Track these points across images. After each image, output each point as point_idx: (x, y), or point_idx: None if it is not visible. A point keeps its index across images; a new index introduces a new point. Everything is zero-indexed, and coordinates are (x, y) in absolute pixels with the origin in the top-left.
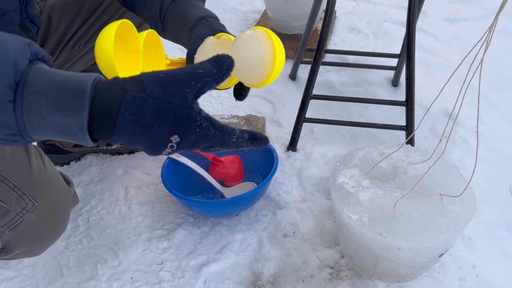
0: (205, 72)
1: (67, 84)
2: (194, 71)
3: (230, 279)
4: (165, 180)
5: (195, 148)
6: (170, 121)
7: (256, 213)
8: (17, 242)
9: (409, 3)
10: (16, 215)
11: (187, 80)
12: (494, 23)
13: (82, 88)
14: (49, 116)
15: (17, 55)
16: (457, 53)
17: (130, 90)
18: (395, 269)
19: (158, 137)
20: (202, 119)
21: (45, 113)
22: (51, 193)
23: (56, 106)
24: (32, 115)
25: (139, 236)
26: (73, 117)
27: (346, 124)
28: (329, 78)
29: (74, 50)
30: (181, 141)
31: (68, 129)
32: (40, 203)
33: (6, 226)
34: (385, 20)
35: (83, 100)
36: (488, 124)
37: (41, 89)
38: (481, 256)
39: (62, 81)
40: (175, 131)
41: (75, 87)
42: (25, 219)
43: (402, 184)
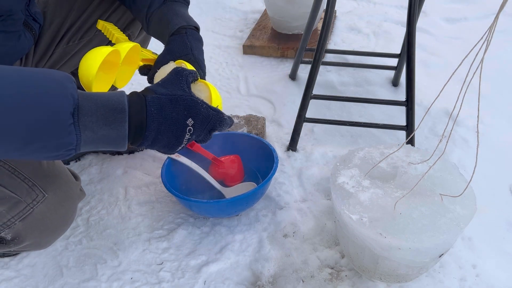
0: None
1: (110, 105)
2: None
3: (230, 280)
4: (165, 180)
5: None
6: (182, 106)
7: (256, 213)
8: (27, 233)
9: (409, 3)
10: (26, 206)
11: (177, 78)
12: (494, 23)
13: (122, 107)
14: (99, 130)
15: (71, 89)
16: (457, 53)
17: (147, 95)
18: (395, 269)
19: (178, 123)
20: (201, 102)
21: (96, 129)
22: (60, 185)
23: (104, 122)
24: (86, 131)
25: (139, 236)
26: (118, 129)
27: (346, 124)
28: (329, 78)
29: (69, 46)
30: (195, 123)
31: (113, 138)
32: (50, 194)
33: (17, 216)
34: (385, 20)
35: (124, 115)
36: (488, 124)
37: (92, 111)
38: (481, 256)
39: (105, 103)
40: (188, 115)
41: (117, 106)
42: (35, 210)
43: (402, 184)
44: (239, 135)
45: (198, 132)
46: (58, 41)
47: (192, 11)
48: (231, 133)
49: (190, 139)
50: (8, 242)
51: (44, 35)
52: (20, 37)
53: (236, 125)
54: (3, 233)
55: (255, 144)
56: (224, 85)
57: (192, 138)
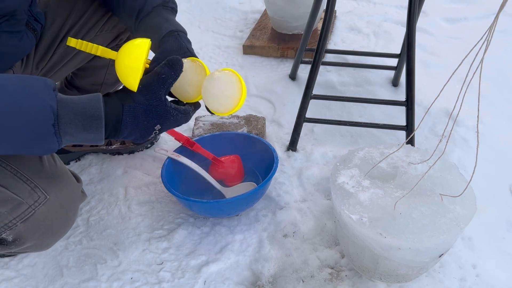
0: (167, 76)
1: (87, 112)
2: (160, 77)
3: (230, 280)
4: (165, 180)
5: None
6: (153, 116)
7: (256, 213)
8: (29, 234)
9: (409, 3)
10: (28, 207)
11: (157, 86)
12: (494, 23)
13: (98, 114)
14: (78, 135)
15: (50, 100)
16: (457, 53)
17: (125, 103)
18: (395, 269)
19: (146, 129)
20: (173, 111)
21: (75, 134)
22: (62, 186)
23: (82, 128)
24: (66, 136)
25: (139, 236)
26: (95, 133)
27: (346, 124)
28: (329, 78)
29: (69, 47)
30: (161, 128)
31: (91, 140)
32: (51, 196)
33: (19, 218)
34: (385, 20)
35: (100, 122)
36: (488, 124)
37: (70, 119)
38: (481, 256)
39: (82, 110)
40: (157, 122)
41: (93, 114)
42: (37, 212)
43: (402, 184)
44: (239, 135)
45: (162, 132)
46: (58, 42)
47: (192, 11)
48: (231, 133)
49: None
50: (9, 243)
51: (45, 36)
52: (23, 37)
53: (236, 125)
54: (4, 234)
55: (255, 144)
56: None
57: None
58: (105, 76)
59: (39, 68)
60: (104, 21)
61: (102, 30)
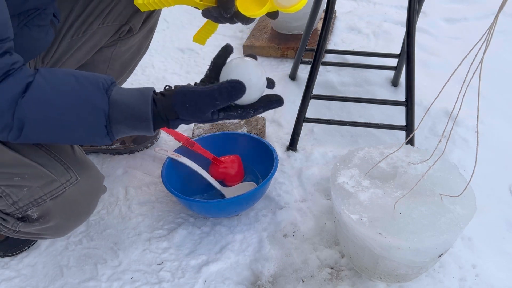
0: (220, 101)
1: (135, 114)
2: (213, 102)
3: (230, 279)
4: (165, 180)
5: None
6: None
7: (256, 213)
8: (55, 213)
9: (409, 3)
10: (60, 185)
11: (206, 108)
12: (494, 23)
13: (146, 116)
14: (130, 132)
15: (103, 104)
16: (457, 53)
17: (170, 118)
18: (395, 269)
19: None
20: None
21: (126, 131)
22: (91, 172)
23: (132, 128)
24: (119, 134)
25: (139, 236)
26: (145, 131)
27: (346, 124)
28: (329, 78)
29: (73, 39)
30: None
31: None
32: (82, 178)
33: (49, 194)
34: (385, 20)
35: (148, 124)
36: (488, 124)
37: (121, 120)
38: (481, 256)
39: (131, 111)
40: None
41: (142, 116)
42: (67, 191)
43: (402, 184)
44: (239, 135)
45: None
46: (62, 35)
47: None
48: (231, 133)
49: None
50: (33, 220)
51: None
52: (48, 31)
53: (236, 125)
54: (30, 211)
55: (255, 144)
56: None
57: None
58: (107, 71)
59: (44, 62)
60: (106, 13)
61: (104, 22)
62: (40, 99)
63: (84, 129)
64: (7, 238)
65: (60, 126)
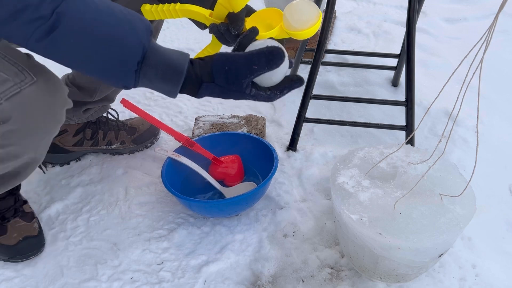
0: (258, 68)
1: (171, 64)
2: (251, 66)
3: (230, 279)
4: (165, 180)
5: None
6: (229, 96)
7: (256, 213)
8: (14, 115)
9: (409, 3)
10: (14, 85)
11: (244, 74)
12: (494, 23)
13: (181, 69)
14: (155, 82)
15: (144, 38)
16: (457, 53)
17: (205, 80)
18: (395, 269)
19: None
20: (249, 97)
21: (153, 79)
22: (50, 76)
23: (162, 77)
24: (144, 79)
25: (139, 236)
26: (172, 86)
27: (346, 124)
28: (329, 78)
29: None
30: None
31: (165, 90)
32: (39, 79)
33: (3, 94)
34: (385, 20)
35: (180, 77)
36: (488, 124)
37: (154, 64)
38: (481, 256)
39: (168, 61)
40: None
41: (177, 67)
42: (24, 91)
43: (402, 184)
44: (239, 135)
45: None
46: None
47: None
48: (231, 133)
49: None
50: None
51: None
52: None
53: (236, 125)
54: None
55: (255, 144)
56: None
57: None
58: None
59: None
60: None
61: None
62: (83, 9)
63: (114, 56)
64: (17, 243)
65: (95, 39)
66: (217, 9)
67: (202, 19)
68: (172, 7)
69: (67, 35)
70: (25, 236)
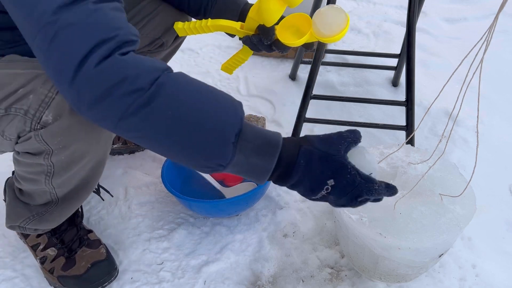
0: (347, 136)
1: (267, 138)
2: (341, 134)
3: (230, 279)
4: (165, 180)
5: (344, 195)
6: (328, 166)
7: (256, 213)
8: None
9: (409, 3)
10: None
11: (337, 140)
12: (494, 23)
13: (276, 142)
14: (250, 157)
15: (240, 111)
16: (457, 53)
17: (303, 145)
18: (395, 269)
19: (318, 180)
20: (351, 168)
21: (248, 155)
22: None
23: (258, 152)
24: (239, 154)
25: (139, 236)
26: (267, 160)
27: (346, 124)
28: (329, 78)
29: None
30: (335, 185)
31: (258, 168)
32: None
33: (53, 89)
34: (385, 20)
35: (276, 150)
36: (488, 124)
37: (250, 138)
38: (481, 256)
39: (263, 135)
40: (331, 176)
41: (272, 141)
42: None
43: (402, 184)
44: None
45: (337, 194)
46: None
47: None
48: None
49: (326, 196)
50: (51, 123)
51: None
52: None
53: None
54: (44, 115)
55: None
56: (224, 85)
57: (329, 197)
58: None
59: None
60: (143, 24)
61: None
62: (183, 82)
63: (215, 123)
64: (86, 271)
65: (194, 110)
66: (248, 22)
67: (234, 31)
68: (204, 24)
69: (166, 106)
70: (94, 262)
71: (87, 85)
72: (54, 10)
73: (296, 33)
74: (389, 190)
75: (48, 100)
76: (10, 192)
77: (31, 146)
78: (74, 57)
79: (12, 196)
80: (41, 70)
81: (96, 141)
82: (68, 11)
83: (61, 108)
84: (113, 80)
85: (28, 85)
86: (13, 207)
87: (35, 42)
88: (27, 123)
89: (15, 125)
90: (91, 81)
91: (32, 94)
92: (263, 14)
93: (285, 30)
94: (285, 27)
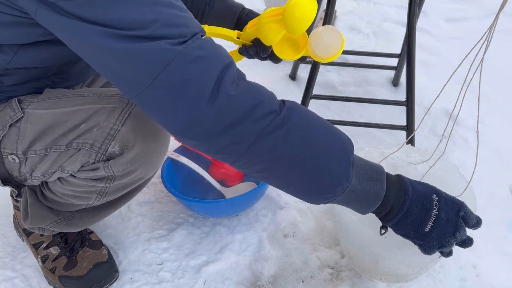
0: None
1: (373, 166)
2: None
3: (230, 280)
4: (165, 180)
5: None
6: (427, 185)
7: (256, 213)
8: (132, 137)
9: (410, 3)
10: (123, 110)
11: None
12: (494, 23)
13: (382, 171)
14: (363, 182)
15: (350, 145)
16: (457, 53)
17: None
18: (396, 269)
19: (426, 196)
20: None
21: (362, 180)
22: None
23: (369, 178)
24: (355, 178)
25: (139, 236)
26: (378, 186)
27: (346, 124)
28: (329, 78)
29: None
30: (439, 199)
31: (371, 194)
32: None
33: (118, 121)
34: (386, 20)
35: (383, 177)
36: (488, 124)
37: (361, 166)
38: (482, 256)
39: (369, 163)
40: (433, 191)
41: (378, 169)
42: (133, 112)
43: None
44: None
45: (444, 210)
46: None
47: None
48: None
49: (438, 215)
50: (118, 155)
51: None
52: None
53: None
54: (110, 147)
55: None
56: None
57: (440, 216)
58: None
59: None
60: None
61: None
62: (301, 107)
63: (336, 145)
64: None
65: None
66: (246, 34)
67: (231, 40)
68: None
69: (298, 127)
70: (95, 264)
71: (226, 109)
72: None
73: (292, 46)
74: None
75: (113, 133)
76: (31, 194)
77: (96, 174)
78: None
79: (34, 198)
80: (100, 105)
81: (155, 166)
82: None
83: (127, 139)
84: (250, 104)
85: (89, 120)
86: (37, 209)
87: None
88: (91, 156)
89: (78, 159)
90: (230, 106)
91: (96, 128)
92: (262, 37)
93: (282, 42)
94: (282, 39)
